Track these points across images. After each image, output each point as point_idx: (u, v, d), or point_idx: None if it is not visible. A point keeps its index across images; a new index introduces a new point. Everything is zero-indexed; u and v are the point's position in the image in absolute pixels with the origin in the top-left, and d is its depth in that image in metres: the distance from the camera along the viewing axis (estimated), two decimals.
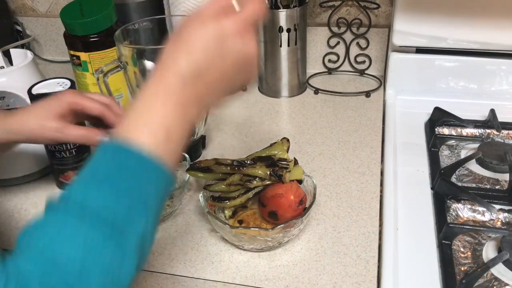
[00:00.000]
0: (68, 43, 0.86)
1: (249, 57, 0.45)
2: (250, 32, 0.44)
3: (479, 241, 0.63)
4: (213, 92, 0.44)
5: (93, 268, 0.35)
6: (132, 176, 0.39)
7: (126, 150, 0.39)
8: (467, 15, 0.86)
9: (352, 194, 0.72)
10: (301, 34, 0.95)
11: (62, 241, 0.35)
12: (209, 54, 0.43)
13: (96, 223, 0.36)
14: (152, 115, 0.41)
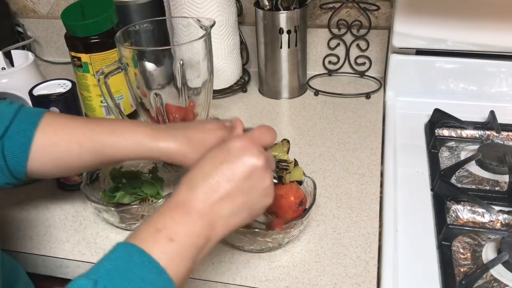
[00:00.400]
0: (69, 44, 0.86)
1: (258, 171, 0.48)
2: (254, 148, 0.48)
3: (478, 242, 0.63)
4: (228, 207, 0.47)
5: None
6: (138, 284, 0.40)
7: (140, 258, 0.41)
8: (466, 17, 0.87)
9: (352, 195, 0.72)
10: (302, 35, 0.95)
11: None
12: (217, 166, 0.47)
13: None
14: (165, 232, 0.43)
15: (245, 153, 0.47)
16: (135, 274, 0.40)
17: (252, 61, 1.11)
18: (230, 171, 0.46)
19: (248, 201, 0.48)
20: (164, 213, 0.45)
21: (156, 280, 0.40)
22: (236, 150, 0.48)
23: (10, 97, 0.77)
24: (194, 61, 0.74)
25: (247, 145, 0.48)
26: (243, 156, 0.47)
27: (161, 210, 0.45)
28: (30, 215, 0.73)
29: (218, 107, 0.98)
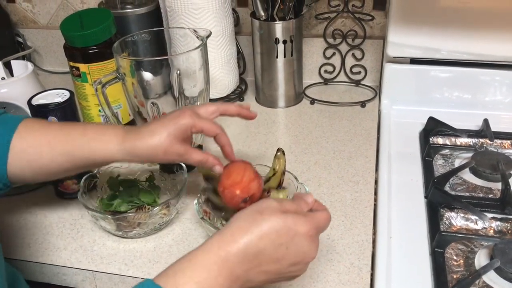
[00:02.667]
0: (68, 54, 0.87)
1: (307, 260, 0.49)
2: (317, 237, 0.49)
3: (471, 249, 0.64)
4: (262, 276, 0.47)
5: None
6: None
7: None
8: (460, 26, 0.88)
9: (346, 202, 0.73)
10: (297, 45, 0.97)
11: None
12: (276, 243, 0.46)
13: None
14: (204, 277, 0.44)
15: (309, 249, 0.48)
16: None
17: (249, 70, 1.13)
18: (284, 257, 0.46)
19: (280, 278, 0.49)
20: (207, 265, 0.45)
21: None
22: (302, 240, 0.47)
23: (9, 106, 0.78)
24: (191, 70, 0.75)
25: (313, 238, 0.48)
26: (306, 249, 0.47)
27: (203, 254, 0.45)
28: (29, 223, 0.74)
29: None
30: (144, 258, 0.66)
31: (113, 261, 0.65)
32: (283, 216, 0.47)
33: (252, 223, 0.46)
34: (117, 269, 0.64)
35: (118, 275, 0.64)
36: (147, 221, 0.67)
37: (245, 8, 1.07)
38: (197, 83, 0.77)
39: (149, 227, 0.68)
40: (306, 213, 0.49)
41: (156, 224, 0.68)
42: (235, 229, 0.46)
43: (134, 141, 0.58)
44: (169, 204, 0.67)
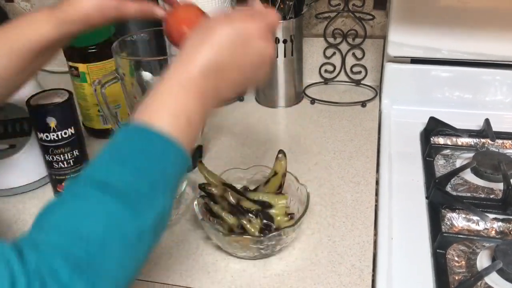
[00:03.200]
0: (67, 54, 0.87)
1: (267, 58, 0.49)
2: (270, 37, 0.49)
3: (473, 250, 0.63)
4: (230, 86, 0.48)
5: (114, 240, 0.37)
6: (153, 157, 0.41)
7: (148, 132, 0.41)
8: (461, 26, 0.87)
9: (347, 203, 0.73)
10: (297, 45, 0.96)
11: (85, 214, 0.37)
12: (233, 51, 0.46)
13: (118, 197, 0.38)
14: (174, 102, 0.43)
15: (264, 48, 0.48)
16: (155, 159, 0.41)
17: None
18: (245, 62, 0.47)
19: (248, 84, 0.50)
20: (185, 82, 0.44)
21: (177, 157, 0.42)
22: (256, 41, 0.47)
23: (7, 106, 0.77)
24: None
25: (266, 36, 0.48)
26: (262, 49, 0.48)
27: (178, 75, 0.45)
28: (27, 225, 0.73)
29: (214, 116, 0.99)
30: None
31: None
32: (231, 24, 0.47)
33: (204, 39, 0.46)
34: None
35: None
36: None
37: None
38: None
39: None
40: (252, 13, 0.49)
41: None
42: (189, 50, 0.46)
43: (64, 9, 0.56)
44: None
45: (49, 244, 0.35)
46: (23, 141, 0.78)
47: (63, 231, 0.36)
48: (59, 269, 0.34)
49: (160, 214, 0.40)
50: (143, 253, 0.40)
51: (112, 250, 0.37)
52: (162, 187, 0.41)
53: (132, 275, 0.39)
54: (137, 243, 0.38)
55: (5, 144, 0.77)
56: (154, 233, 0.40)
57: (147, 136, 0.41)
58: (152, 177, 0.40)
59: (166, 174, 0.42)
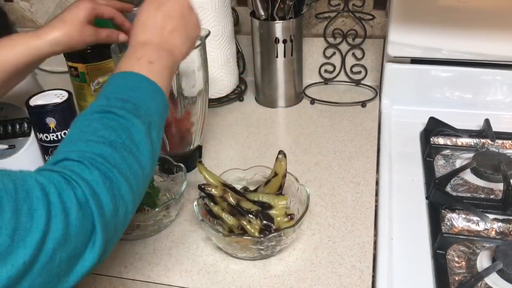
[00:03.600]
0: (66, 54, 0.87)
1: (185, 10, 0.59)
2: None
3: (473, 250, 0.63)
4: (177, 37, 0.58)
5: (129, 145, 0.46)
6: (143, 88, 0.51)
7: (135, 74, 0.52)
8: (461, 26, 0.87)
9: (347, 204, 0.73)
10: (297, 45, 0.96)
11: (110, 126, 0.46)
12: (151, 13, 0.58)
13: (132, 113, 0.48)
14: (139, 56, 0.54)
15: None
16: (133, 86, 0.51)
17: (248, 70, 1.12)
18: (169, 11, 0.57)
19: (188, 33, 0.59)
20: (136, 49, 0.55)
21: (150, 87, 0.52)
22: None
23: (6, 107, 0.77)
24: (190, 70, 0.74)
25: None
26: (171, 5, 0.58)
27: (131, 49, 0.55)
28: None
29: (214, 116, 0.99)
30: (144, 260, 0.65)
31: (112, 263, 0.65)
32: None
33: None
34: (117, 271, 0.64)
35: (118, 277, 0.63)
36: (146, 223, 0.66)
37: (245, 7, 1.06)
38: (196, 83, 0.76)
39: (149, 229, 0.67)
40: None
41: (155, 226, 0.68)
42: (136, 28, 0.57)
43: (52, 35, 0.64)
44: (169, 206, 0.67)
45: (71, 153, 0.43)
46: (23, 142, 0.78)
47: (76, 142, 0.45)
48: (82, 170, 0.42)
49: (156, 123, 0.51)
50: (145, 157, 0.47)
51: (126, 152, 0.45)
52: (144, 112, 0.50)
53: (139, 177, 0.46)
54: (136, 147, 0.46)
55: (5, 145, 0.77)
56: (152, 139, 0.49)
57: (129, 75, 0.52)
58: (148, 97, 0.51)
59: (147, 103, 0.51)
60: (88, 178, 0.41)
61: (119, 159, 0.44)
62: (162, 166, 0.75)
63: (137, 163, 0.46)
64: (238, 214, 0.63)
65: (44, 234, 0.36)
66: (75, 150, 0.43)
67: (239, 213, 0.63)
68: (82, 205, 0.40)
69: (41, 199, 0.37)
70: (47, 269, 0.37)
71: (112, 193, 0.42)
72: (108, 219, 0.42)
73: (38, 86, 0.85)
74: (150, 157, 0.48)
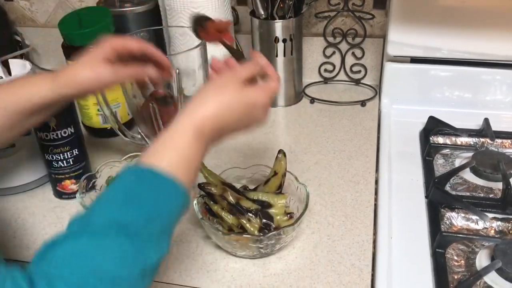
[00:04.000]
0: (66, 53, 0.87)
1: (260, 122, 0.55)
2: (270, 105, 0.55)
3: (472, 249, 0.63)
4: (222, 138, 0.54)
5: (124, 280, 0.40)
6: (165, 201, 0.44)
7: (159, 176, 0.44)
8: (461, 25, 0.87)
9: (346, 202, 0.73)
10: (297, 44, 0.96)
11: (99, 252, 0.39)
12: (236, 116, 0.52)
13: (132, 239, 0.40)
14: (181, 148, 0.48)
15: (262, 115, 0.54)
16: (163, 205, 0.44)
17: None
18: (243, 123, 0.53)
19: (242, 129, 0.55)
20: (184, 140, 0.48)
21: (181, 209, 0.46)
22: (258, 110, 0.53)
23: None
24: (190, 69, 0.74)
25: (268, 107, 0.54)
26: (260, 116, 0.54)
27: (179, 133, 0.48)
28: (27, 223, 0.73)
29: None
30: None
31: None
32: (242, 91, 0.52)
33: (216, 95, 0.51)
34: None
35: None
36: None
37: (245, 6, 1.06)
38: (196, 82, 0.76)
39: None
40: (263, 86, 0.55)
41: None
42: (200, 101, 0.51)
43: (67, 74, 0.59)
44: None
45: (61, 279, 0.37)
46: (23, 141, 0.78)
47: (75, 266, 0.38)
48: None
49: (164, 255, 0.44)
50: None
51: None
52: (168, 229, 0.45)
53: None
54: (141, 281, 0.41)
55: None
56: (155, 272, 0.44)
57: (158, 180, 0.44)
58: (162, 221, 0.44)
59: (173, 217, 0.45)
60: None
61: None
62: None
63: None
64: (237, 212, 0.63)
65: None
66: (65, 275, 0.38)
67: (238, 211, 0.63)
68: None
69: None
70: None
71: None
72: None
73: None
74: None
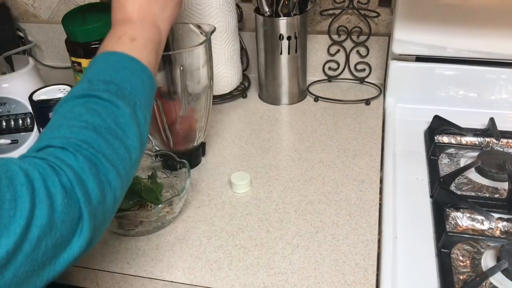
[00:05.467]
0: (70, 49, 0.87)
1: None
2: None
3: (478, 250, 0.63)
4: (154, 7, 0.56)
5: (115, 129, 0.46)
6: (127, 68, 0.50)
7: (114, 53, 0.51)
8: (466, 24, 0.87)
9: (351, 202, 0.72)
10: (302, 42, 0.95)
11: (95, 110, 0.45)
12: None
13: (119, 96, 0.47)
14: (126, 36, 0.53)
15: None
16: (116, 67, 0.49)
17: (252, 66, 1.12)
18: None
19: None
20: (116, 28, 0.54)
21: (134, 65, 0.50)
22: None
23: (9, 102, 0.77)
24: (195, 67, 0.74)
25: None
26: None
27: (112, 28, 0.55)
28: None
29: (218, 113, 0.98)
30: (147, 256, 0.65)
31: (115, 259, 0.65)
32: None
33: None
34: (119, 267, 0.63)
35: (120, 273, 0.63)
36: (149, 219, 0.66)
37: (249, 3, 1.06)
38: (200, 80, 0.76)
39: (152, 225, 0.67)
40: None
41: (158, 222, 0.68)
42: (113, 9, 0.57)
43: None
44: (172, 202, 0.67)
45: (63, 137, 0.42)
46: (25, 136, 0.78)
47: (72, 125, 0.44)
48: (66, 156, 0.41)
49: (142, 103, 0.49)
50: (131, 140, 0.46)
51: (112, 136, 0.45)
52: (140, 85, 0.50)
53: (126, 162, 0.45)
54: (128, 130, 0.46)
55: (8, 139, 0.77)
56: (138, 121, 0.48)
57: (124, 58, 0.51)
58: (132, 77, 0.50)
59: (139, 76, 0.51)
60: (73, 165, 0.40)
61: (104, 144, 0.43)
62: (166, 163, 0.75)
63: (124, 147, 0.45)
64: None
65: (28, 221, 0.36)
66: (58, 136, 0.42)
67: None
68: (67, 192, 0.39)
69: (25, 185, 0.36)
70: (32, 258, 0.37)
71: (99, 179, 0.41)
72: (96, 205, 0.41)
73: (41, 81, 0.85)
74: (137, 139, 0.47)
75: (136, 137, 0.47)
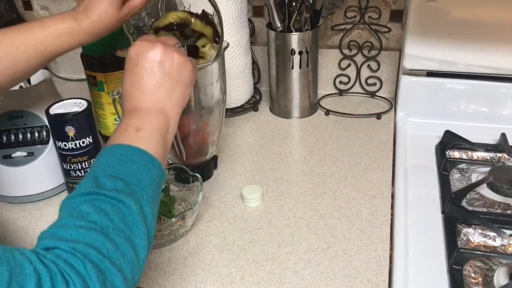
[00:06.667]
0: (85, 63, 0.88)
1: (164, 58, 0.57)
2: (170, 47, 0.58)
3: (490, 266, 0.63)
4: (161, 93, 0.56)
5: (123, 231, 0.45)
6: (133, 161, 0.50)
7: (120, 146, 0.51)
8: (477, 39, 0.87)
9: (363, 217, 0.73)
10: (313, 56, 0.96)
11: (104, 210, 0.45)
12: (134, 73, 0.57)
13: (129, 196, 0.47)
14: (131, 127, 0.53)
15: (142, 52, 0.56)
16: (121, 160, 0.49)
17: (263, 80, 1.13)
18: (145, 70, 0.56)
19: (173, 79, 0.57)
20: (124, 119, 0.55)
21: (141, 157, 0.50)
22: (135, 55, 0.57)
23: (26, 115, 0.78)
24: (208, 82, 0.75)
25: (140, 45, 0.57)
26: (142, 56, 0.56)
27: (121, 120, 0.55)
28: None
29: (229, 126, 0.99)
30: (159, 270, 0.65)
31: None
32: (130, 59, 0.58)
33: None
34: None
35: None
36: (162, 232, 0.67)
37: (261, 18, 1.07)
38: (214, 94, 0.77)
39: (164, 238, 0.68)
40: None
41: (171, 236, 0.68)
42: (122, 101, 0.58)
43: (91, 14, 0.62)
44: (185, 215, 0.67)
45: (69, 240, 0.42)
46: (41, 149, 0.79)
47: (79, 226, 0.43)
48: (76, 263, 0.40)
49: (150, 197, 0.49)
50: (139, 239, 0.46)
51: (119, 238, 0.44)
52: (147, 178, 0.50)
53: (133, 264, 0.45)
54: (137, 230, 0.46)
55: (24, 152, 0.78)
56: (146, 217, 0.48)
57: (129, 150, 0.51)
58: (139, 170, 0.49)
59: (146, 168, 0.50)
60: (82, 273, 0.40)
61: (112, 247, 0.43)
62: (178, 176, 0.76)
63: (131, 248, 0.45)
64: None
65: None
66: (66, 239, 0.42)
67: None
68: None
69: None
70: None
71: (105, 286, 0.41)
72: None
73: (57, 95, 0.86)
74: (145, 237, 0.47)
75: (144, 235, 0.47)
